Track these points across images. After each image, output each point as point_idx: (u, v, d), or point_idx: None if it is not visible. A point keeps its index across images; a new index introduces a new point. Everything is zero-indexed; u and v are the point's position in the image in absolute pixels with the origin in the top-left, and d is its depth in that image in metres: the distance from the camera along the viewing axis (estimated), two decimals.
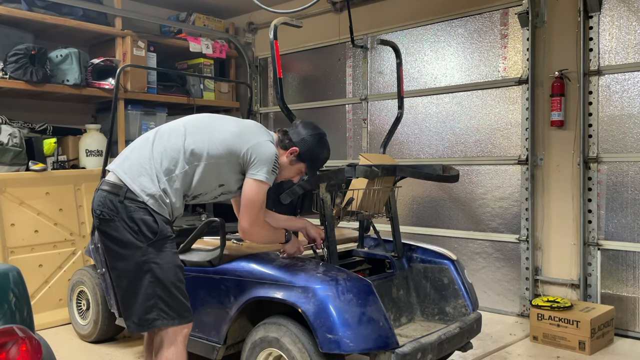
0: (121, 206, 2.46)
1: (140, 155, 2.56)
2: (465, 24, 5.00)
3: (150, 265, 2.44)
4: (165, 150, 2.54)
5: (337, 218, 3.05)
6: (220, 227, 3.06)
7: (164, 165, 2.52)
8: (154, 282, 2.44)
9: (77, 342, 4.18)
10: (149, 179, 2.49)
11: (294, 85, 6.37)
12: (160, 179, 2.50)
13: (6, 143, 4.47)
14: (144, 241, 2.44)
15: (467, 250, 5.00)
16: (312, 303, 2.54)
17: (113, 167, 2.58)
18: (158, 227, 2.46)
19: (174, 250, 2.54)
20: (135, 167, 2.52)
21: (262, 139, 2.63)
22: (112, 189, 2.50)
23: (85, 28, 5.14)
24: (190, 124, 2.66)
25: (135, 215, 2.45)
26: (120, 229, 2.45)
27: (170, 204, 2.53)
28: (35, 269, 4.52)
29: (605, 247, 4.28)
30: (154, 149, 2.55)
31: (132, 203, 2.46)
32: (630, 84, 4.18)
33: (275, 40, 2.87)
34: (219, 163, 2.58)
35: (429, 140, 5.26)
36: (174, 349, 2.48)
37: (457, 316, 3.16)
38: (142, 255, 2.44)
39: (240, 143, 2.57)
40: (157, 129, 2.68)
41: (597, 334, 3.86)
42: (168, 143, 2.56)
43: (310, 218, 3.25)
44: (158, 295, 2.44)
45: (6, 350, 1.61)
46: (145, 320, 2.46)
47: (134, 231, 2.44)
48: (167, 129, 2.65)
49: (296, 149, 2.70)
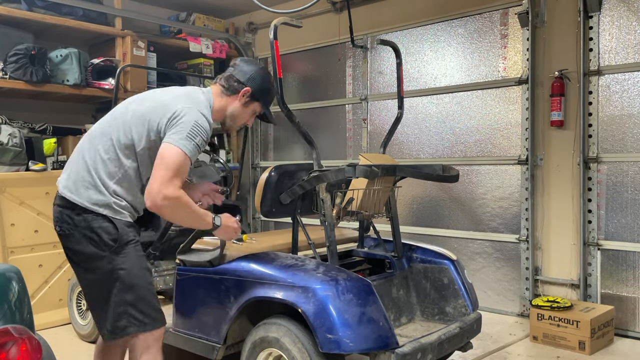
0: (78, 219, 2.40)
1: (80, 168, 2.45)
2: (465, 24, 5.00)
3: (117, 272, 2.39)
4: (101, 157, 2.42)
5: (337, 218, 3.05)
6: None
7: (105, 171, 2.41)
8: (123, 289, 2.39)
9: (77, 342, 4.18)
10: (95, 190, 2.40)
11: (294, 85, 6.37)
12: (107, 185, 2.41)
13: (6, 143, 4.47)
14: (106, 249, 2.39)
15: (467, 250, 5.00)
16: (312, 303, 2.54)
17: (60, 189, 2.49)
18: (118, 232, 2.39)
19: (139, 253, 2.47)
20: (80, 183, 2.43)
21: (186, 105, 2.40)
22: (65, 203, 2.44)
23: (85, 28, 5.14)
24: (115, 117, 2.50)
25: (93, 224, 2.39)
26: (82, 241, 2.40)
27: (128, 204, 2.46)
28: (35, 269, 4.52)
29: (605, 247, 4.28)
30: (89, 157, 2.44)
31: (89, 214, 2.40)
32: (630, 84, 4.18)
33: (275, 40, 2.86)
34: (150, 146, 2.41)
35: (429, 140, 5.26)
36: (149, 355, 2.43)
37: (457, 316, 3.16)
38: (107, 264, 2.39)
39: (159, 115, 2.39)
40: (87, 134, 2.55)
41: (597, 334, 3.86)
42: (100, 146, 2.44)
43: (310, 218, 3.25)
44: (127, 302, 2.39)
45: (6, 350, 1.61)
46: (117, 328, 2.41)
47: (95, 241, 2.39)
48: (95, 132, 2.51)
49: (248, 89, 2.57)
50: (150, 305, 2.43)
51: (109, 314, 2.42)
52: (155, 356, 2.45)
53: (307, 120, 6.05)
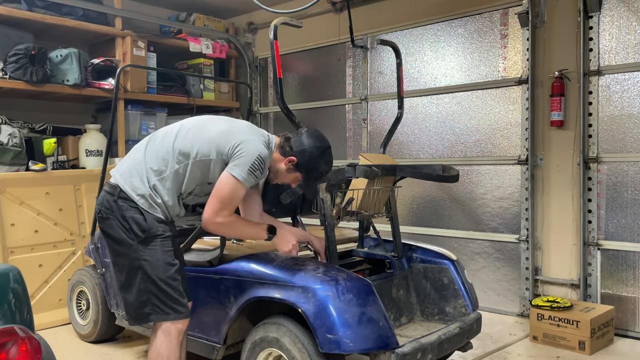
0: (115, 205, 2.62)
1: (135, 158, 2.71)
2: (465, 24, 5.00)
3: (140, 262, 2.57)
4: (156, 153, 2.65)
5: (337, 218, 3.05)
6: None
7: (155, 166, 2.63)
8: (145, 278, 2.57)
9: (77, 342, 4.18)
10: (139, 179, 2.62)
11: (294, 85, 6.37)
12: (151, 179, 2.62)
13: (6, 143, 4.47)
14: (134, 239, 2.58)
15: (467, 250, 5.00)
16: (312, 303, 2.54)
17: (112, 171, 2.75)
18: (147, 225, 2.58)
19: (166, 248, 2.61)
20: (129, 169, 2.67)
21: (251, 137, 2.62)
22: (110, 189, 2.68)
23: (85, 28, 5.14)
24: (185, 127, 2.72)
25: (126, 213, 2.60)
26: (114, 226, 2.62)
27: (162, 203, 2.63)
28: (35, 269, 4.52)
29: (605, 247, 4.28)
30: (147, 152, 2.68)
31: (125, 202, 2.61)
32: (630, 84, 4.18)
33: (275, 41, 2.87)
34: (206, 161, 2.62)
35: (429, 140, 5.26)
36: (166, 343, 2.57)
37: (457, 316, 3.16)
38: (133, 252, 2.58)
39: (226, 140, 2.60)
40: (153, 133, 2.80)
41: (597, 334, 3.86)
42: (160, 145, 2.67)
43: (310, 218, 3.25)
44: (150, 291, 2.57)
45: (6, 350, 1.61)
46: (140, 314, 2.61)
47: (126, 229, 2.59)
48: (161, 133, 2.76)
49: (294, 158, 2.65)
50: (171, 298, 2.58)
51: (132, 300, 2.61)
52: (175, 346, 2.59)
53: (307, 120, 6.05)
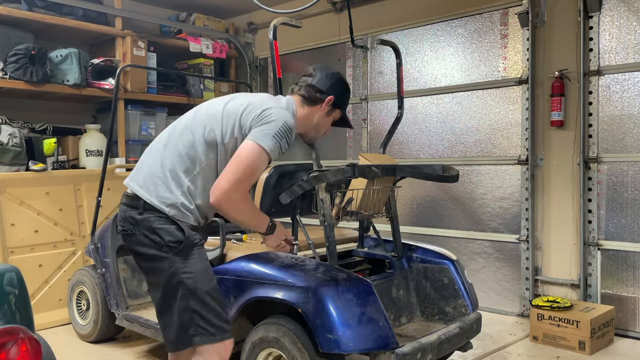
0: (141, 218, 2.29)
1: (153, 163, 2.37)
2: (465, 24, 5.00)
3: (180, 276, 2.25)
4: (179, 152, 2.33)
5: (337, 218, 3.05)
6: (220, 227, 3.06)
7: (181, 167, 2.31)
8: (187, 295, 2.25)
9: (77, 342, 4.18)
10: (165, 187, 2.30)
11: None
12: (181, 183, 2.31)
13: (6, 143, 4.47)
14: (168, 251, 2.26)
15: (467, 250, 5.00)
16: (312, 303, 2.54)
17: (127, 182, 2.42)
18: (184, 234, 2.27)
19: (204, 256, 2.35)
20: (150, 178, 2.33)
21: (276, 105, 2.35)
22: (130, 202, 2.35)
23: (85, 28, 5.14)
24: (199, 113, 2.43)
25: (155, 225, 2.28)
26: (143, 242, 2.30)
27: (195, 208, 2.33)
28: (35, 269, 4.52)
29: (605, 247, 4.28)
30: (166, 153, 2.35)
31: (152, 214, 2.29)
32: (630, 84, 4.18)
33: (275, 41, 2.86)
34: (234, 141, 2.33)
35: (429, 140, 5.26)
36: None
37: (457, 316, 3.16)
38: (169, 267, 2.26)
39: (250, 112, 2.32)
40: (164, 133, 2.47)
41: (597, 334, 3.86)
42: (180, 141, 2.35)
43: (310, 218, 3.25)
44: (193, 309, 2.24)
45: (6, 350, 1.61)
46: (182, 338, 2.27)
47: (156, 243, 2.27)
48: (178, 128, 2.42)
49: (331, 97, 2.49)
50: (216, 314, 2.28)
51: (173, 321, 2.28)
52: None
53: None
